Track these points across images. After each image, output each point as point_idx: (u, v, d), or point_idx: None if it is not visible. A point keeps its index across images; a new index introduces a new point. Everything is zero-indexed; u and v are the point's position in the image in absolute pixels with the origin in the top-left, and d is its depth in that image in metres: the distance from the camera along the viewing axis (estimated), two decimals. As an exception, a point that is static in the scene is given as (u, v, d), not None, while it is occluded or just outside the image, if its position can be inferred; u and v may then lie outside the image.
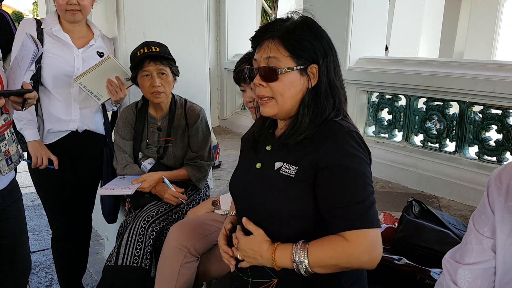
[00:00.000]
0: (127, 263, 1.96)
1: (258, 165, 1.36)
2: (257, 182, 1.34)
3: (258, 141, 1.44)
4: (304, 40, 1.27)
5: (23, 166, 3.03)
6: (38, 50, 1.51)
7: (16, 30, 2.69)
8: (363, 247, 1.15)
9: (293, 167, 1.26)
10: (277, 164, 1.30)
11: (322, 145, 1.23)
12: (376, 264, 1.17)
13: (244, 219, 1.33)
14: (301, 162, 1.25)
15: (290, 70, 1.26)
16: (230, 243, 1.44)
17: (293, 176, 1.25)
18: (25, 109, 1.63)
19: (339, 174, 1.19)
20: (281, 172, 1.28)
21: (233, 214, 1.60)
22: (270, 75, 1.26)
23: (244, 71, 1.85)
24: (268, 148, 1.37)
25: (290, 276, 1.28)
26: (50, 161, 2.22)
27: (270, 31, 1.28)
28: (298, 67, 1.26)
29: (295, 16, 1.32)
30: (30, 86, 1.65)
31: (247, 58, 1.87)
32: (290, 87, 1.27)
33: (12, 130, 1.63)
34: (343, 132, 1.23)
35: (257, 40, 1.31)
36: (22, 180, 4.42)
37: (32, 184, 2.35)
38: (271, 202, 1.28)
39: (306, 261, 1.19)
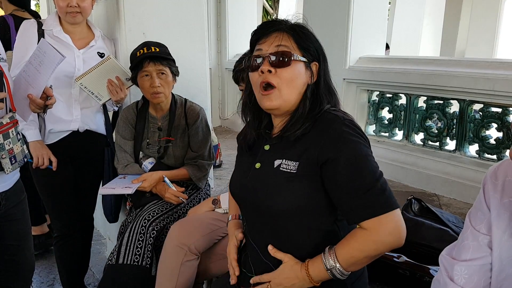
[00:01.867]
0: (128, 262, 1.97)
1: (258, 165, 1.37)
2: (257, 182, 1.34)
3: (254, 143, 1.44)
4: (310, 37, 1.33)
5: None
6: (64, 56, 1.65)
7: (15, 30, 2.71)
8: (384, 231, 1.14)
9: (294, 162, 1.26)
10: (276, 162, 1.30)
11: (320, 138, 1.23)
12: (403, 241, 1.16)
13: (270, 248, 1.31)
14: (302, 157, 1.25)
15: (301, 59, 1.28)
16: (243, 248, 1.46)
17: (295, 171, 1.25)
18: (45, 114, 1.75)
19: (343, 164, 1.18)
20: (281, 169, 1.28)
21: (235, 217, 1.59)
22: (284, 59, 1.26)
23: (243, 71, 1.87)
24: (267, 147, 1.37)
25: None
26: (50, 161, 2.24)
27: (277, 24, 1.31)
28: (306, 59, 1.30)
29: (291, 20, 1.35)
30: (52, 92, 1.72)
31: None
32: (298, 76, 1.28)
33: (18, 129, 1.64)
34: (339, 122, 1.23)
35: (263, 32, 1.32)
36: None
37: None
38: (274, 200, 1.28)
39: (338, 265, 1.19)
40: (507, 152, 2.70)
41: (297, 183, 1.25)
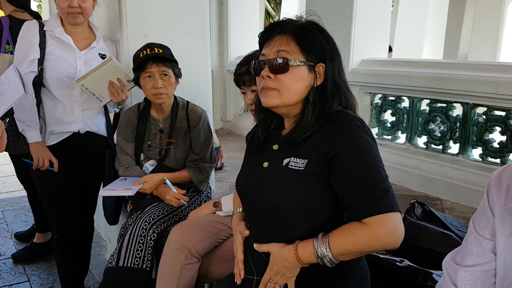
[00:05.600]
0: (128, 265, 1.96)
1: (265, 164, 1.36)
2: (265, 180, 1.34)
3: (263, 144, 1.43)
4: (314, 38, 1.30)
5: (11, 170, 3.04)
6: (26, 93, 1.49)
7: (9, 32, 2.71)
8: (384, 230, 1.14)
9: (302, 160, 1.26)
10: (285, 160, 1.30)
11: (330, 134, 1.23)
12: (399, 244, 1.16)
13: (255, 245, 1.33)
14: (312, 155, 1.25)
15: (301, 64, 1.27)
16: (245, 250, 1.44)
17: (302, 169, 1.25)
18: None
19: (350, 161, 1.19)
20: (289, 167, 1.28)
21: (239, 211, 1.57)
22: (281, 66, 1.27)
23: (245, 74, 1.87)
24: (275, 147, 1.37)
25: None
26: (51, 163, 2.23)
27: (281, 26, 1.31)
28: (308, 63, 1.28)
29: (303, 18, 1.35)
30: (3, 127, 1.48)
31: (248, 61, 1.87)
32: (299, 81, 1.28)
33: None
34: (349, 119, 1.24)
35: (267, 34, 1.33)
36: (10, 185, 4.46)
37: (18, 189, 2.34)
38: (281, 198, 1.27)
39: (330, 254, 1.19)
40: (511, 156, 2.66)
41: (304, 181, 1.24)
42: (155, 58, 2.15)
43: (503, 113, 2.74)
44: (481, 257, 1.01)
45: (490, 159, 2.83)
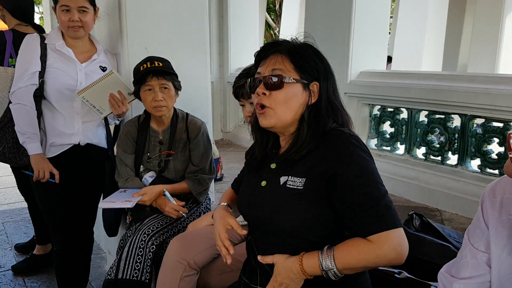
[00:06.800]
0: (127, 277, 1.96)
1: (263, 183, 1.38)
2: (263, 199, 1.35)
3: (261, 162, 1.45)
4: (308, 57, 1.32)
5: (12, 181, 3.03)
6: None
7: (12, 45, 2.74)
8: (389, 247, 1.15)
9: (300, 179, 1.27)
10: (282, 179, 1.31)
11: (328, 153, 1.24)
12: (404, 259, 1.17)
13: (259, 257, 1.34)
14: (309, 174, 1.26)
15: (295, 81, 1.29)
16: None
17: (301, 188, 1.26)
18: None
19: (350, 180, 1.20)
20: (287, 186, 1.29)
21: (225, 204, 1.62)
22: (276, 83, 1.29)
23: (243, 86, 1.89)
24: (273, 166, 1.39)
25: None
26: (52, 175, 2.24)
27: (276, 46, 1.33)
28: (302, 81, 1.30)
29: (298, 40, 1.37)
30: None
31: (246, 74, 1.89)
32: (293, 98, 1.29)
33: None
34: (345, 137, 1.25)
35: (263, 53, 1.36)
36: (11, 196, 4.47)
37: (18, 200, 2.34)
38: (281, 218, 1.28)
39: (334, 268, 1.19)
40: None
41: (305, 200, 1.25)
42: (155, 71, 2.17)
43: (500, 124, 2.76)
44: (476, 270, 1.01)
45: (488, 170, 2.84)
